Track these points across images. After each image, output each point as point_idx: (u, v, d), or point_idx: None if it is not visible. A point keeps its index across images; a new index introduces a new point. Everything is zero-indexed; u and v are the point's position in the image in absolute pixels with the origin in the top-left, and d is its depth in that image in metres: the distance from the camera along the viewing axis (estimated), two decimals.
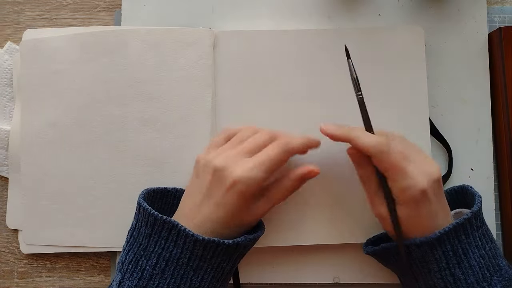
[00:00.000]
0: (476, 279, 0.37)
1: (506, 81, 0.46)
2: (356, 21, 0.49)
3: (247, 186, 0.36)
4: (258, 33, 0.47)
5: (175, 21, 0.49)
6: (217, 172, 0.37)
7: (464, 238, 0.37)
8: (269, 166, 0.37)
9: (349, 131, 0.39)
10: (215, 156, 0.39)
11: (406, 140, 0.41)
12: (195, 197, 0.39)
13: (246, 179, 0.36)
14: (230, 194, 0.37)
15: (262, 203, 0.39)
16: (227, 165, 0.37)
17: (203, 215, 0.37)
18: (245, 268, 0.47)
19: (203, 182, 0.38)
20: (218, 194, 0.37)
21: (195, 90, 0.46)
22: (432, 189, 0.37)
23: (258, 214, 0.39)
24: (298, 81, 0.47)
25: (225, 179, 0.37)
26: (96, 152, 0.46)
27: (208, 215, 0.37)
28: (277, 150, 0.38)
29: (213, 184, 0.38)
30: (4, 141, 0.48)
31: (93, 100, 0.46)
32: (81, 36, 0.47)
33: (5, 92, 0.49)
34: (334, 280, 0.47)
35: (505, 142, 0.46)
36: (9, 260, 0.49)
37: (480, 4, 0.49)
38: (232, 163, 0.37)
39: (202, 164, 0.39)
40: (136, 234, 0.38)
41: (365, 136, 0.38)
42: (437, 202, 0.38)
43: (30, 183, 0.47)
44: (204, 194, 0.38)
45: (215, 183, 0.37)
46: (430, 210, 0.37)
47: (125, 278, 0.36)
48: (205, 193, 0.38)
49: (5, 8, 0.51)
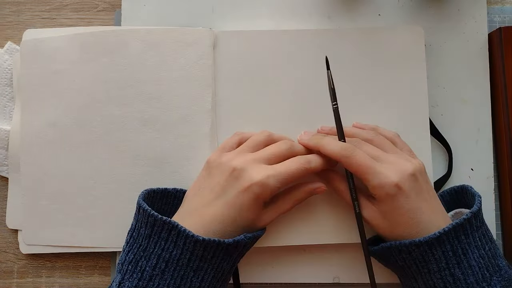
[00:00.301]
0: (475, 279, 0.37)
1: (506, 81, 0.46)
2: (356, 21, 0.49)
3: (262, 190, 0.38)
4: (258, 33, 0.47)
5: (175, 21, 0.49)
6: (235, 172, 0.38)
7: (463, 238, 0.37)
8: (286, 179, 0.39)
9: (318, 141, 0.41)
10: (233, 157, 0.40)
11: (386, 144, 0.42)
12: (205, 197, 0.39)
13: (263, 184, 0.38)
14: (245, 195, 0.38)
15: (270, 211, 0.40)
16: (246, 167, 0.38)
17: (212, 214, 0.38)
18: (245, 268, 0.47)
19: (216, 182, 0.39)
20: (231, 193, 0.38)
21: (195, 90, 0.46)
22: (407, 183, 0.38)
23: (265, 221, 0.40)
24: (298, 81, 0.47)
25: (242, 180, 0.38)
26: (96, 152, 0.46)
27: (217, 215, 0.38)
28: (298, 166, 0.39)
29: (228, 184, 0.38)
30: (4, 141, 0.48)
31: (93, 100, 0.46)
32: (81, 36, 0.47)
33: (5, 92, 0.49)
34: (334, 280, 0.47)
35: (505, 142, 0.46)
36: (9, 260, 0.49)
37: (480, 4, 0.49)
38: (251, 167, 0.39)
39: (216, 163, 0.40)
40: (136, 234, 0.38)
41: (331, 144, 0.40)
42: (416, 197, 0.38)
43: (30, 183, 0.47)
44: (217, 193, 0.39)
45: (231, 182, 0.38)
46: (409, 204, 0.38)
47: (125, 279, 0.36)
48: (218, 192, 0.39)
49: (5, 8, 0.51)
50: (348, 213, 0.45)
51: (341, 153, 0.39)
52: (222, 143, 0.44)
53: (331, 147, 0.40)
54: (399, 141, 0.43)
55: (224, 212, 0.38)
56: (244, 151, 0.41)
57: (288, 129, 0.46)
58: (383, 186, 0.38)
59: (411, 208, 0.38)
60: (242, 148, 0.42)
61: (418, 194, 0.38)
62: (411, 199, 0.38)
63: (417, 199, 0.38)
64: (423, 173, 0.40)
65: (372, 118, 0.46)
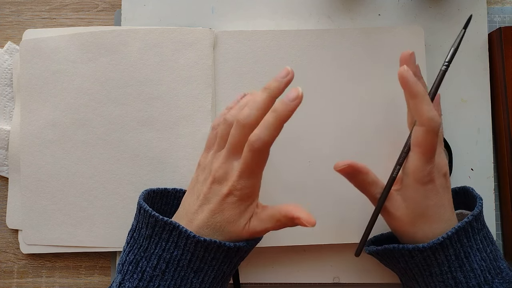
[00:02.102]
0: (477, 282, 0.37)
1: (506, 81, 0.46)
2: (356, 21, 0.49)
3: (240, 193, 0.36)
4: (258, 33, 0.47)
5: (175, 21, 0.49)
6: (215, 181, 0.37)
7: (466, 241, 0.37)
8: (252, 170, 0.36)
9: (423, 92, 0.37)
10: (211, 162, 0.39)
11: None
12: (193, 202, 0.38)
13: (239, 188, 0.36)
14: (226, 203, 0.36)
15: (255, 222, 0.38)
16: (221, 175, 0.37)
17: (201, 219, 0.37)
18: (245, 268, 0.47)
19: (201, 189, 0.38)
20: (215, 200, 0.37)
21: (195, 90, 0.46)
22: (439, 179, 0.38)
23: (251, 232, 0.38)
24: (298, 81, 0.47)
25: (221, 189, 0.37)
26: (96, 152, 0.46)
27: (206, 220, 0.37)
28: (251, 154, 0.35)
29: (210, 192, 0.37)
30: (4, 141, 0.48)
31: (93, 100, 0.46)
32: (81, 36, 0.47)
33: (5, 92, 0.49)
34: (334, 280, 0.47)
35: (505, 142, 0.46)
36: (9, 260, 0.49)
37: (480, 4, 0.49)
38: (224, 170, 0.37)
39: (201, 168, 0.40)
40: (137, 235, 0.38)
41: (430, 107, 0.37)
42: (444, 195, 0.38)
43: (30, 183, 0.47)
44: (201, 200, 0.38)
45: (212, 191, 0.37)
46: (437, 199, 0.38)
47: (125, 279, 0.36)
48: (202, 200, 0.38)
49: (5, 8, 0.50)
50: (348, 213, 0.45)
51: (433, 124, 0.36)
52: (206, 141, 0.42)
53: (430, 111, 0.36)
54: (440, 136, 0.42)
55: (211, 218, 0.37)
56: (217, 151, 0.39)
57: (288, 129, 0.46)
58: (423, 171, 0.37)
59: (438, 203, 0.38)
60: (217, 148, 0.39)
61: (445, 191, 0.38)
62: (440, 194, 0.38)
63: (444, 196, 0.38)
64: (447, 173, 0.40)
65: (372, 118, 0.46)
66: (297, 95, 0.35)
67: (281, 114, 0.35)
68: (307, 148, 0.46)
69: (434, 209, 0.38)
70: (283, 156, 0.45)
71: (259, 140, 0.35)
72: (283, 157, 0.46)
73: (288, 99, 0.35)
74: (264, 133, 0.35)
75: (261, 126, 0.35)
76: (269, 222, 0.37)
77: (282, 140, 0.46)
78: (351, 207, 0.45)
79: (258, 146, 0.35)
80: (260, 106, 0.36)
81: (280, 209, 0.37)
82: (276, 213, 0.37)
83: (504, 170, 0.47)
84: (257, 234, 0.38)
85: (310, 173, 0.45)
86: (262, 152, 0.35)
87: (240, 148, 0.36)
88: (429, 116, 0.36)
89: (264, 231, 0.37)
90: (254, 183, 0.37)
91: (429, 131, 0.36)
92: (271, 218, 0.37)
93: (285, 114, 0.35)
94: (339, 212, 0.45)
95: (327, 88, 0.46)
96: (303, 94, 0.35)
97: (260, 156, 0.36)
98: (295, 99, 0.35)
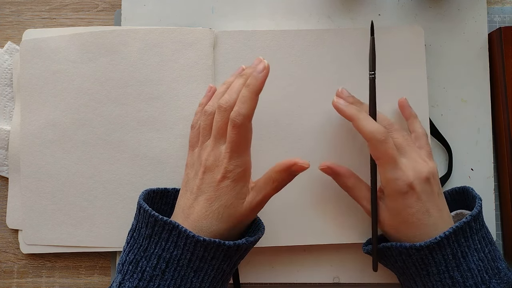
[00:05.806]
0: (474, 282, 0.37)
1: (506, 81, 0.46)
2: (356, 21, 0.49)
3: (233, 175, 0.37)
4: (258, 33, 0.47)
5: (175, 21, 0.49)
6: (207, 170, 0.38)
7: (463, 241, 0.37)
8: (239, 147, 0.37)
9: (356, 114, 0.40)
10: (198, 155, 0.40)
11: (409, 137, 0.42)
12: (188, 198, 0.39)
13: (232, 169, 0.37)
14: (221, 188, 0.37)
15: (252, 194, 0.39)
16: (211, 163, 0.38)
17: (198, 212, 0.37)
18: (245, 268, 0.47)
19: (193, 183, 0.39)
20: (209, 189, 0.38)
21: (195, 90, 0.46)
22: (420, 186, 0.38)
23: (252, 206, 0.38)
24: (298, 81, 0.47)
25: (214, 175, 0.38)
26: (96, 152, 0.46)
27: (203, 211, 0.37)
28: (235, 130, 0.37)
29: (204, 183, 0.38)
30: (4, 141, 0.48)
31: (93, 100, 0.46)
32: (81, 36, 0.47)
33: (5, 92, 0.49)
34: (334, 280, 0.47)
35: (505, 142, 0.46)
36: (9, 260, 0.49)
37: (480, 4, 0.49)
38: (214, 157, 0.38)
39: (190, 166, 0.41)
40: (137, 235, 0.38)
41: (367, 121, 0.39)
42: (427, 199, 0.38)
43: (30, 183, 0.47)
44: (195, 193, 0.38)
45: (205, 181, 0.38)
46: (419, 205, 0.38)
47: (125, 279, 0.36)
48: (196, 192, 0.38)
49: (5, 8, 0.50)
50: (348, 213, 0.45)
51: (375, 136, 0.38)
52: (189, 141, 0.43)
53: (367, 125, 0.39)
54: (424, 141, 0.43)
55: (208, 207, 0.37)
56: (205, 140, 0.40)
57: (289, 128, 0.46)
58: (397, 181, 0.38)
59: (420, 210, 0.38)
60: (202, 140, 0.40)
61: (429, 197, 0.38)
62: (422, 201, 0.38)
63: (427, 202, 0.38)
64: (435, 176, 0.40)
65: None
66: (264, 66, 0.38)
67: (253, 87, 0.38)
68: (307, 147, 0.46)
69: (417, 216, 0.38)
70: (283, 156, 0.45)
71: (239, 115, 0.37)
72: (283, 157, 0.45)
73: (257, 72, 0.38)
74: (242, 107, 0.37)
75: (238, 102, 0.38)
76: (266, 187, 0.38)
77: (282, 140, 0.46)
78: (351, 207, 0.45)
79: (240, 121, 0.37)
80: (238, 89, 0.39)
81: (273, 168, 0.38)
82: (271, 174, 0.38)
83: (504, 170, 0.47)
84: (258, 205, 0.38)
85: (310, 173, 0.45)
86: (245, 126, 0.37)
87: (225, 131, 0.38)
88: (368, 131, 0.39)
89: (265, 198, 0.38)
90: (245, 161, 0.38)
91: (376, 143, 0.38)
92: (267, 181, 0.38)
93: (257, 85, 0.38)
94: (339, 212, 0.45)
95: (327, 88, 0.46)
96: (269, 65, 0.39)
97: (244, 131, 0.37)
98: (263, 70, 0.38)
